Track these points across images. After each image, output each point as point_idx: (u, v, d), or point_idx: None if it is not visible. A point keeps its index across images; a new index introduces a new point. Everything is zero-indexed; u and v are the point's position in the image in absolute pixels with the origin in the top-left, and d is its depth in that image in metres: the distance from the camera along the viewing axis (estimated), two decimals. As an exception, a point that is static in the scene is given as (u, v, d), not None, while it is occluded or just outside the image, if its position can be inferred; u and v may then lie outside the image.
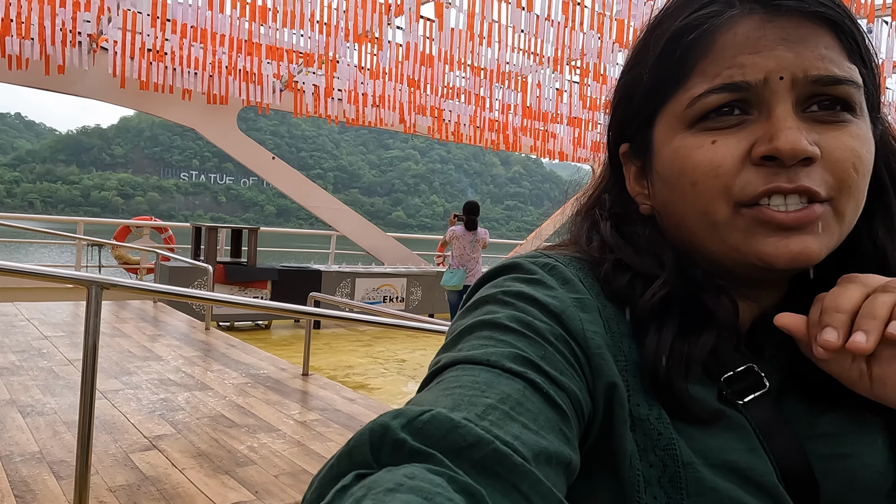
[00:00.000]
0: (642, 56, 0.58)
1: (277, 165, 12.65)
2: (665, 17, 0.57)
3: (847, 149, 0.51)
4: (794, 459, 0.52)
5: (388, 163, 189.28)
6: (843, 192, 0.51)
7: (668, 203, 0.57)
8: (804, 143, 0.49)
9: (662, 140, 0.56)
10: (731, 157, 0.51)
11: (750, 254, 0.52)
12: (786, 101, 0.50)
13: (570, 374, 0.48)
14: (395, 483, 0.32)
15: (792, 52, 0.50)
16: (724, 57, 0.52)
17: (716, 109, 0.52)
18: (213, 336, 6.60)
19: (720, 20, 0.52)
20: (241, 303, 3.58)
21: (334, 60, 10.08)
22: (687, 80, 0.54)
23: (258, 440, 3.54)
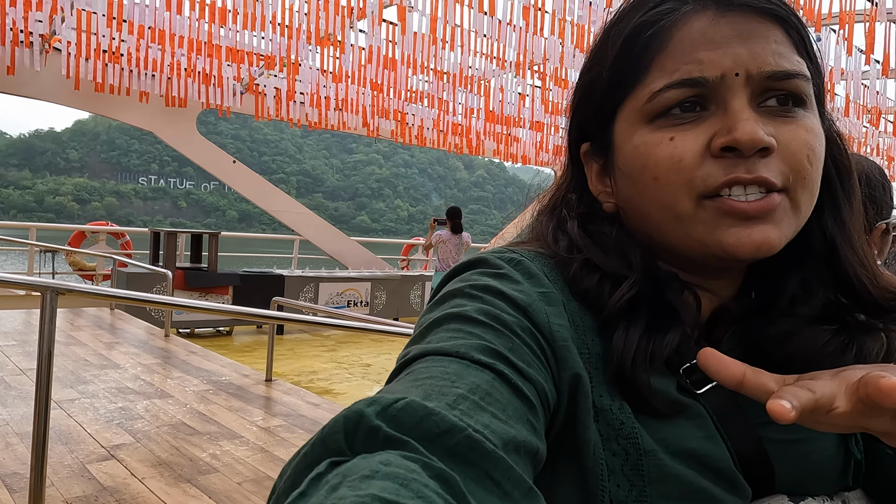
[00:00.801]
0: (601, 55, 0.59)
1: (239, 169, 12.47)
2: (622, 16, 0.58)
3: (801, 141, 0.52)
4: (749, 445, 0.54)
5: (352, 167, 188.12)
6: (799, 184, 0.53)
7: (632, 199, 0.58)
8: (761, 133, 0.50)
9: (623, 136, 0.57)
10: (690, 151, 0.52)
11: (714, 245, 0.53)
12: (742, 95, 0.52)
13: (536, 366, 0.49)
14: (370, 470, 0.32)
15: (746, 48, 0.52)
16: (681, 52, 0.53)
17: (674, 104, 0.53)
18: (173, 343, 6.46)
19: (676, 16, 0.54)
20: (202, 307, 3.52)
21: (296, 63, 9.99)
22: (645, 75, 0.55)
23: (220, 447, 3.48)
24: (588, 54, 0.63)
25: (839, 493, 0.58)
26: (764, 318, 0.58)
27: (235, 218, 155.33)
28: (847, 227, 0.59)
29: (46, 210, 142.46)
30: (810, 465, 0.57)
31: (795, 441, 0.56)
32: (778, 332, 0.57)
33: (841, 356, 0.56)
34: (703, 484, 0.51)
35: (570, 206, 0.64)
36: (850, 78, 8.61)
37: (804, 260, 0.58)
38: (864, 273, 0.58)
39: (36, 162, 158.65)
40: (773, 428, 0.56)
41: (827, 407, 0.41)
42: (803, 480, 0.56)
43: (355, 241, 14.04)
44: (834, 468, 0.58)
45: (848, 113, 9.90)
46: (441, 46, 9.24)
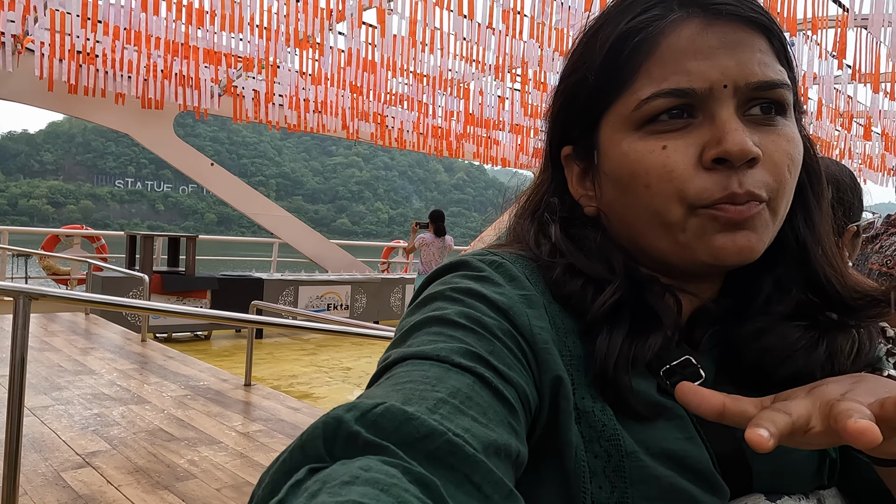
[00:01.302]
0: (586, 58, 0.59)
1: (217, 172, 12.35)
2: (607, 21, 0.58)
3: (783, 152, 0.54)
4: (728, 446, 0.55)
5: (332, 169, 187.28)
6: (779, 193, 0.54)
7: (617, 204, 0.58)
8: (749, 144, 0.51)
9: (610, 142, 0.58)
10: (682, 162, 0.53)
11: (701, 251, 0.54)
12: (729, 106, 0.53)
13: (517, 369, 0.49)
14: (350, 476, 0.32)
15: (733, 58, 0.53)
16: (669, 60, 0.54)
17: (663, 112, 0.54)
18: (150, 348, 6.38)
19: (664, 23, 0.54)
20: (180, 312, 3.48)
21: (275, 65, 9.93)
22: (633, 81, 0.55)
23: (199, 453, 3.44)
24: (570, 57, 0.63)
25: (815, 491, 0.59)
26: (740, 317, 0.59)
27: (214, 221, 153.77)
28: (817, 230, 0.61)
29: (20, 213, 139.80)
30: (787, 465, 0.57)
31: None
32: (752, 330, 0.58)
33: (812, 351, 0.57)
34: (683, 485, 0.52)
35: (553, 209, 0.63)
36: (822, 82, 8.77)
37: (778, 261, 0.59)
38: (833, 273, 0.60)
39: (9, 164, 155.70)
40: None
41: (803, 428, 0.41)
42: (780, 479, 0.57)
43: (335, 244, 13.97)
44: (810, 467, 0.59)
45: (820, 116, 10.08)
46: (421, 49, 9.24)
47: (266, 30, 8.89)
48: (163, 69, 9.73)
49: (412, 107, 12.11)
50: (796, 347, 0.57)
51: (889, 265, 1.88)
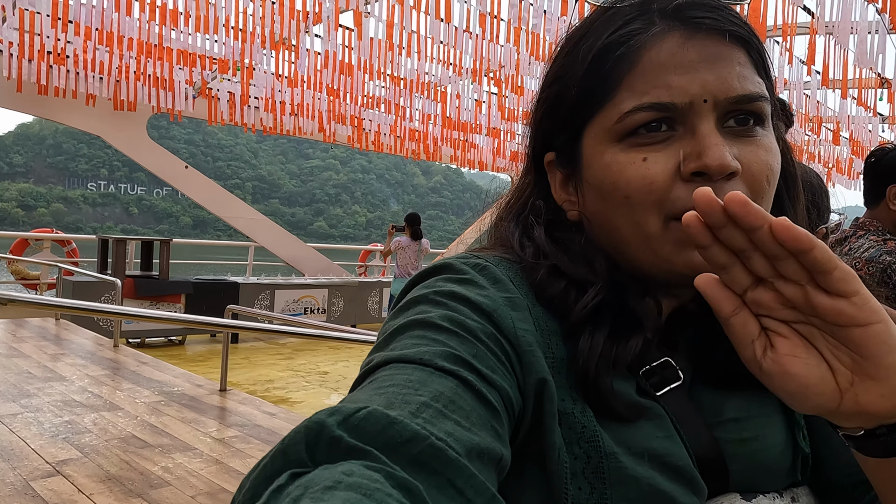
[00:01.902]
0: (568, 69, 0.60)
1: (191, 175, 12.21)
2: (590, 32, 0.59)
3: (762, 163, 0.55)
4: (705, 445, 0.56)
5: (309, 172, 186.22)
6: (759, 203, 0.55)
7: (600, 213, 0.59)
8: (729, 158, 0.52)
9: (592, 152, 0.58)
10: (662, 173, 0.54)
11: (680, 263, 0.55)
12: (709, 119, 0.54)
13: (501, 372, 0.49)
14: (332, 481, 0.32)
15: (713, 73, 0.53)
16: (650, 74, 0.54)
17: (644, 125, 0.55)
18: (123, 353, 6.27)
19: (645, 37, 0.55)
20: (153, 316, 3.43)
21: (250, 67, 9.85)
22: (615, 94, 0.56)
23: (173, 460, 3.39)
24: (551, 66, 0.63)
25: (789, 489, 0.60)
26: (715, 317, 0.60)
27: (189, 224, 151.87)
28: None
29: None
30: (761, 462, 0.58)
31: (747, 439, 0.58)
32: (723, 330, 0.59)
33: None
34: (663, 486, 0.52)
35: (537, 212, 0.64)
36: (792, 88, 8.95)
37: None
38: None
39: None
40: (725, 428, 0.58)
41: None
42: (755, 478, 0.58)
43: (312, 248, 13.88)
44: (784, 463, 0.60)
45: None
46: (398, 52, 9.24)
47: (241, 31, 8.81)
48: (135, 70, 9.59)
49: (389, 110, 12.09)
50: None
51: (857, 267, 1.92)
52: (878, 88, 9.54)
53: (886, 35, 6.73)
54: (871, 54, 6.89)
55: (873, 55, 6.92)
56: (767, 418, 0.60)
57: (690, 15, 0.55)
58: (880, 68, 7.41)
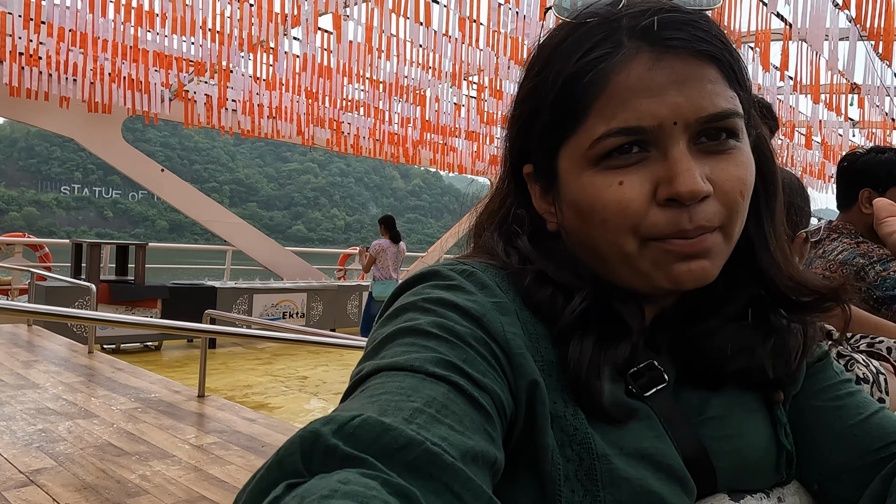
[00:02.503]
0: (540, 90, 0.60)
1: (167, 178, 12.06)
2: (559, 53, 0.58)
3: (735, 178, 0.55)
4: (691, 445, 0.57)
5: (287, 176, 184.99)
6: (732, 219, 0.56)
7: (579, 231, 0.60)
8: (699, 184, 0.53)
9: (569, 174, 0.59)
10: (637, 199, 0.55)
11: (658, 279, 0.56)
12: (680, 141, 0.54)
13: (492, 376, 0.50)
14: (329, 489, 0.32)
15: (682, 95, 0.54)
16: (619, 98, 0.54)
17: (616, 149, 0.55)
18: (97, 360, 6.17)
19: (613, 60, 0.55)
20: (129, 322, 3.38)
21: (228, 70, 9.76)
22: (585, 119, 0.56)
23: (151, 468, 3.34)
24: (523, 80, 0.64)
25: (775, 488, 0.62)
26: (696, 319, 0.62)
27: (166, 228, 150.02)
28: (764, 231, 0.63)
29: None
30: (746, 460, 0.60)
31: (731, 436, 0.60)
32: (704, 331, 0.61)
33: (760, 348, 0.61)
34: (654, 486, 0.53)
35: (520, 221, 0.65)
36: (766, 93, 9.09)
37: (731, 263, 0.61)
38: (778, 274, 0.62)
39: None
40: (709, 425, 0.59)
41: None
42: (741, 476, 0.59)
43: (290, 251, 13.78)
44: (768, 461, 0.61)
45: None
46: (377, 56, 9.22)
47: (219, 34, 8.73)
48: (110, 72, 9.46)
49: (368, 113, 12.07)
50: (744, 345, 0.60)
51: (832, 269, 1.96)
52: (849, 94, 9.74)
53: (857, 42, 6.88)
54: (842, 61, 7.04)
55: (844, 61, 7.07)
56: (750, 415, 0.62)
57: (658, 35, 0.54)
58: (851, 74, 7.58)
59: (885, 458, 0.62)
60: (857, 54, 7.07)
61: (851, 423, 0.64)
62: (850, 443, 0.63)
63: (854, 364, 1.32)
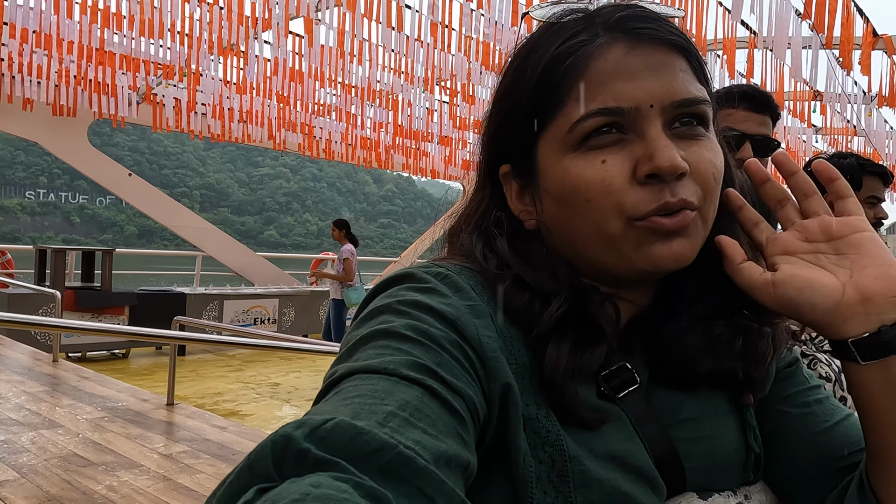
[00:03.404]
0: (518, 82, 0.62)
1: (135, 182, 11.88)
2: (538, 45, 0.60)
3: (708, 162, 0.57)
4: (662, 446, 0.58)
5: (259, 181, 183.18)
6: (707, 200, 0.58)
7: (560, 219, 0.60)
8: (678, 159, 0.55)
9: (549, 161, 0.60)
10: (619, 176, 0.56)
11: (640, 260, 0.57)
12: (657, 123, 0.56)
13: (465, 379, 0.50)
14: (300, 493, 0.32)
15: (657, 79, 0.56)
16: (598, 82, 0.56)
17: (595, 130, 0.56)
18: (62, 368, 6.03)
19: (591, 47, 0.57)
20: (94, 329, 3.31)
21: (197, 73, 9.65)
22: (565, 104, 0.58)
23: (118, 478, 3.27)
24: (502, 80, 0.65)
25: (742, 487, 0.62)
26: (668, 320, 0.63)
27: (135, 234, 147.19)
28: (734, 233, 0.64)
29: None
30: (715, 461, 0.61)
31: (701, 438, 0.61)
32: (675, 331, 0.62)
33: (728, 348, 0.61)
34: (625, 487, 0.54)
35: (499, 223, 0.65)
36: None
37: (701, 265, 0.62)
38: None
39: None
40: (682, 427, 0.60)
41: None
42: (710, 476, 0.60)
43: (261, 257, 13.67)
44: (737, 462, 0.62)
45: (732, 131, 10.63)
46: (349, 60, 9.19)
47: (188, 37, 8.63)
48: (76, 75, 9.28)
49: (340, 117, 12.02)
50: (714, 345, 0.61)
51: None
52: (812, 101, 9.99)
53: (819, 51, 7.06)
54: (805, 69, 7.22)
55: (807, 69, 7.25)
56: (721, 418, 0.63)
57: (632, 26, 0.57)
58: (813, 82, 7.77)
59: (847, 467, 0.63)
60: (819, 63, 7.27)
61: (817, 430, 0.65)
62: (815, 450, 0.64)
63: (817, 363, 1.34)
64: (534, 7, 0.64)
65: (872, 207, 2.06)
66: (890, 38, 7.27)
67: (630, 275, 0.60)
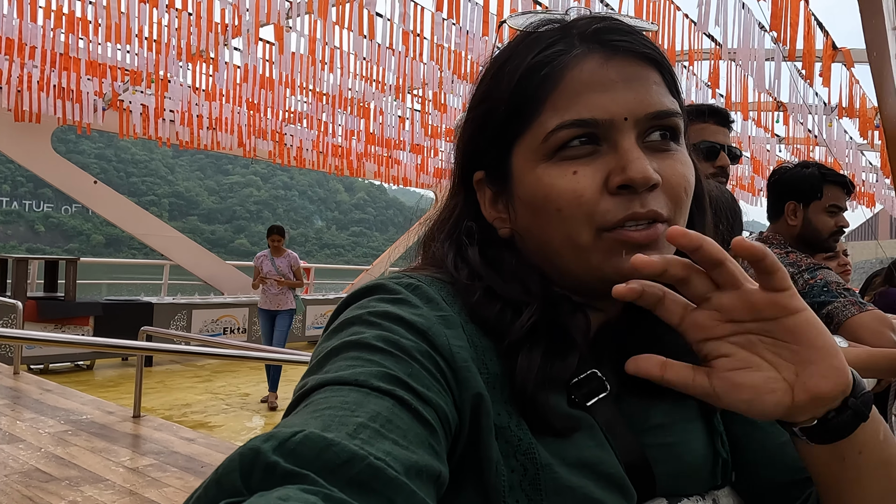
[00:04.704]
0: (494, 90, 0.62)
1: (101, 190, 11.64)
2: (514, 54, 0.61)
3: (679, 175, 0.58)
4: (633, 453, 0.58)
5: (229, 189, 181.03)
6: (678, 213, 0.58)
7: (532, 227, 0.61)
8: (651, 171, 0.55)
9: (523, 169, 0.60)
10: (590, 187, 0.56)
11: (610, 271, 0.57)
12: (630, 135, 0.57)
13: (436, 390, 0.50)
14: None
15: (631, 91, 0.57)
16: (572, 93, 0.57)
17: (569, 141, 0.57)
18: (24, 381, 5.87)
19: (567, 58, 0.58)
20: (57, 340, 3.23)
21: (165, 80, 9.51)
22: (540, 113, 0.58)
23: (82, 493, 3.19)
24: (478, 87, 0.65)
25: (710, 491, 0.63)
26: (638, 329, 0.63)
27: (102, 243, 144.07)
28: None
29: None
30: (684, 466, 0.61)
31: (671, 444, 0.61)
32: (644, 340, 0.62)
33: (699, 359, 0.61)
34: (596, 494, 0.54)
35: (470, 233, 0.65)
36: (699, 109, 9.45)
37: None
38: None
39: None
40: (652, 433, 0.61)
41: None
42: (679, 482, 0.61)
43: (231, 265, 13.48)
44: (705, 467, 0.63)
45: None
46: (320, 68, 9.16)
47: (156, 42, 8.50)
48: (39, 80, 9.08)
49: (311, 125, 11.95)
50: (682, 354, 0.61)
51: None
52: (775, 111, 10.24)
53: (782, 63, 7.25)
54: (769, 80, 7.40)
55: (770, 81, 7.43)
56: (689, 424, 0.64)
57: (608, 38, 0.58)
58: (777, 93, 7.97)
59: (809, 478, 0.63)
60: (782, 74, 7.46)
61: (783, 440, 0.66)
62: (779, 460, 0.65)
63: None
64: (511, 15, 0.64)
65: (834, 216, 2.12)
66: (849, 52, 7.49)
67: (599, 285, 0.60)
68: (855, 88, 8.28)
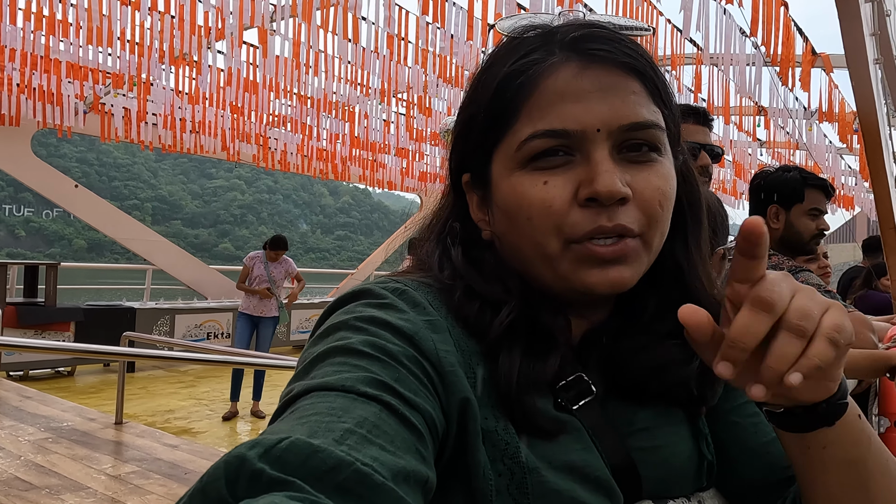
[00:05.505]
0: (477, 96, 0.63)
1: (82, 194, 11.51)
2: (496, 60, 0.62)
3: (654, 188, 0.58)
4: (619, 455, 0.59)
5: (212, 193, 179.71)
6: (651, 227, 0.58)
7: (507, 233, 0.61)
8: (618, 185, 0.55)
9: (500, 176, 0.61)
10: (560, 197, 0.56)
11: (576, 282, 0.57)
12: (602, 147, 0.56)
13: (423, 395, 0.50)
14: None
15: (606, 103, 0.56)
16: (546, 103, 0.57)
17: (543, 152, 0.57)
18: (3, 388, 5.78)
19: (543, 67, 0.58)
20: (38, 346, 3.19)
21: (147, 83, 9.43)
22: (515, 122, 0.58)
23: (63, 501, 3.14)
24: (467, 90, 0.66)
25: (695, 493, 0.63)
26: (625, 336, 0.63)
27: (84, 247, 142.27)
28: (692, 253, 0.65)
29: None
30: (670, 469, 0.62)
31: (657, 447, 0.62)
32: (632, 348, 0.62)
33: (686, 366, 0.62)
34: (582, 497, 0.54)
35: (455, 233, 0.66)
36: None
37: (660, 283, 0.63)
38: (705, 296, 0.64)
39: None
40: (638, 437, 0.61)
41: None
42: (665, 484, 0.61)
43: (214, 270, 13.37)
44: (690, 469, 0.64)
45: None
46: (304, 71, 9.12)
47: (138, 45, 8.43)
48: (18, 83, 8.96)
49: (296, 129, 11.90)
50: (670, 363, 0.62)
51: (744, 280, 2.06)
52: (756, 115, 10.36)
53: (763, 67, 7.34)
54: (750, 84, 7.48)
55: (752, 85, 7.52)
56: (675, 427, 0.64)
57: (586, 47, 0.58)
58: (758, 97, 8.07)
59: (792, 477, 0.64)
60: (763, 79, 7.55)
61: (765, 440, 0.66)
62: (762, 460, 0.66)
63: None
64: (499, 20, 0.65)
65: (815, 219, 2.14)
66: (828, 57, 7.60)
67: (568, 294, 0.60)
68: (834, 93, 8.40)
